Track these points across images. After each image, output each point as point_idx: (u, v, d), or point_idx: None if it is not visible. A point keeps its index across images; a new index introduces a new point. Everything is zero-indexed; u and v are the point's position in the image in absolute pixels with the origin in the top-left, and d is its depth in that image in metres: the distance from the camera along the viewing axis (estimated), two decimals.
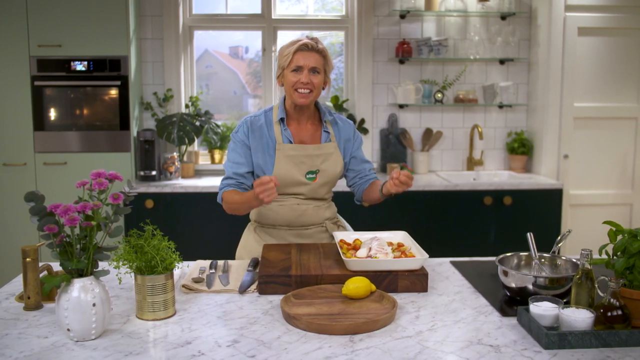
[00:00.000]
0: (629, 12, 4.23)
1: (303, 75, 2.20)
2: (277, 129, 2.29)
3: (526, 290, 1.71)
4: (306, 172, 2.28)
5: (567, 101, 4.27)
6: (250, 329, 1.54)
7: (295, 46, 2.21)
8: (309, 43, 2.21)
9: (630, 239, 1.56)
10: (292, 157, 2.26)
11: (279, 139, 2.28)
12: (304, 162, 2.28)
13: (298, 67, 2.20)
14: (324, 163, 2.30)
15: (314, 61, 2.21)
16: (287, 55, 2.21)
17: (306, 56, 2.20)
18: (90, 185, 1.48)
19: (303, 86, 2.21)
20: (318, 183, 2.30)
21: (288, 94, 2.27)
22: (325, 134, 2.35)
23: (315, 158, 2.29)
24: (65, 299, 1.44)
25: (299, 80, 2.20)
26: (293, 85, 2.22)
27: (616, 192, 4.41)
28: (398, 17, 4.42)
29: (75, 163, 3.99)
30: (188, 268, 2.09)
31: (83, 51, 3.94)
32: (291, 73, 2.22)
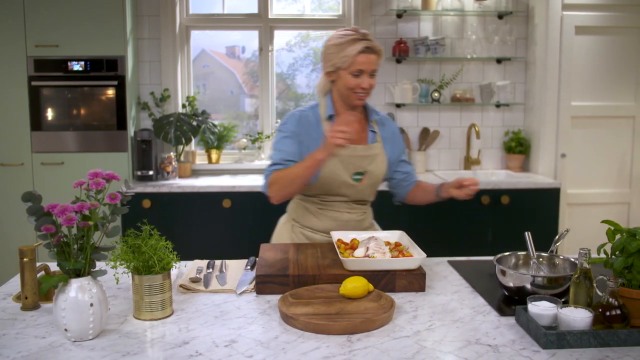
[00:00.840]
0: (626, 10, 4.23)
1: (364, 81, 2.12)
2: (326, 125, 2.21)
3: (524, 290, 1.71)
4: (353, 173, 2.23)
5: (564, 100, 4.27)
6: (248, 328, 1.54)
7: (357, 47, 2.08)
8: (371, 45, 2.10)
9: (628, 238, 1.56)
10: (339, 157, 2.19)
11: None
12: (351, 163, 2.22)
13: (360, 71, 2.11)
14: (371, 164, 2.25)
15: (375, 64, 2.13)
16: (348, 57, 2.09)
17: (369, 60, 2.10)
18: (88, 185, 1.47)
19: (363, 91, 2.14)
20: (364, 184, 2.25)
21: (342, 93, 2.18)
22: (372, 133, 2.28)
23: (363, 159, 2.23)
24: (62, 299, 1.43)
25: (359, 85, 2.13)
26: (352, 89, 2.14)
27: (614, 191, 4.41)
28: (395, 17, 4.42)
29: (73, 163, 3.99)
30: (185, 268, 2.08)
31: (80, 51, 3.93)
32: (350, 75, 2.12)
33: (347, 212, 2.29)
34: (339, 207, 2.28)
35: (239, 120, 4.71)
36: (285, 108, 4.75)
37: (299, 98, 4.76)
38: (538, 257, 1.93)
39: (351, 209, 2.30)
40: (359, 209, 2.32)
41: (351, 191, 2.25)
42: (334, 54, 2.14)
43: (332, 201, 2.27)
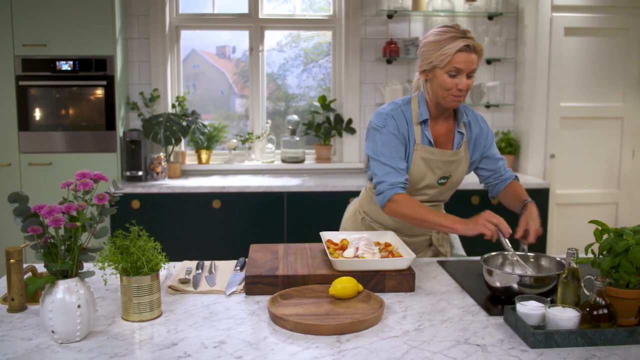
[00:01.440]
0: (615, 12, 4.26)
1: (461, 81, 2.02)
2: (417, 128, 2.15)
3: (511, 290, 1.72)
4: (440, 177, 2.19)
5: (553, 101, 4.30)
6: (237, 329, 1.53)
7: (456, 45, 1.99)
8: (471, 44, 2.00)
9: (615, 238, 1.56)
10: (427, 161, 2.15)
11: (418, 138, 2.14)
12: (439, 168, 2.17)
13: (457, 70, 2.02)
14: (456, 169, 2.21)
15: (474, 63, 2.02)
16: (446, 55, 2.00)
17: (467, 59, 2.00)
18: (75, 186, 1.46)
19: (459, 92, 2.05)
20: (446, 187, 2.23)
21: (437, 93, 2.09)
22: (459, 135, 2.20)
23: (450, 164, 2.19)
24: (49, 301, 1.42)
25: (457, 86, 2.03)
26: (449, 89, 2.05)
27: (602, 191, 4.44)
28: (385, 17, 4.43)
29: (61, 163, 3.96)
30: (174, 269, 2.07)
31: (68, 51, 3.91)
32: (446, 74, 2.03)
33: None
34: None
35: (229, 121, 4.70)
36: (276, 108, 4.75)
37: (290, 98, 4.76)
38: (525, 257, 1.93)
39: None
40: (435, 209, 2.28)
41: (433, 192, 2.22)
42: (431, 51, 2.05)
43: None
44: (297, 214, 3.89)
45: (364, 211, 2.37)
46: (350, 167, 4.52)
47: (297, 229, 3.89)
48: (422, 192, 2.22)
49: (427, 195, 2.23)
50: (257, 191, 3.87)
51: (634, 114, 4.38)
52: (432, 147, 2.15)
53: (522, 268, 1.89)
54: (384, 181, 2.08)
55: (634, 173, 4.44)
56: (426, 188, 2.21)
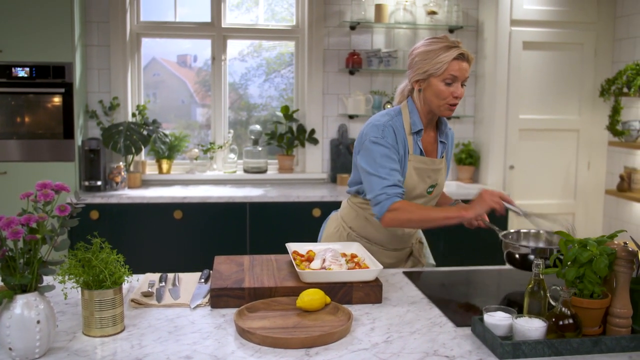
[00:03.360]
0: (571, 27, 4.38)
1: (457, 89, 2.05)
2: (409, 138, 2.15)
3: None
4: (429, 186, 2.20)
5: (512, 113, 4.38)
6: (203, 344, 1.50)
7: (452, 54, 2.03)
8: (465, 53, 2.05)
9: (580, 249, 1.59)
10: (419, 170, 2.16)
11: (411, 148, 2.15)
12: (429, 176, 2.19)
13: (454, 78, 2.05)
14: (440, 177, 2.24)
15: (467, 72, 2.07)
16: (442, 63, 2.03)
17: (462, 67, 2.04)
18: (35, 197, 1.41)
19: (455, 100, 2.07)
20: (432, 196, 2.25)
21: (432, 102, 2.10)
22: (442, 145, 2.25)
23: (437, 172, 2.21)
24: (7, 317, 1.36)
25: (453, 94, 2.05)
26: (444, 98, 2.06)
27: (560, 201, 4.54)
28: (348, 28, 4.45)
29: (16, 173, 3.83)
30: (137, 282, 2.02)
31: (25, 57, 3.80)
32: (442, 83, 2.05)
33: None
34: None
35: (190, 130, 4.64)
36: (237, 118, 4.71)
37: (252, 108, 4.73)
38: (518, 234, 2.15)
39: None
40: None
41: (422, 201, 2.23)
42: (426, 60, 2.06)
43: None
44: (260, 225, 3.85)
45: (349, 227, 2.34)
46: (313, 177, 4.51)
47: (260, 240, 3.86)
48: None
49: None
50: (219, 201, 3.82)
51: (589, 126, 4.50)
52: (424, 157, 2.18)
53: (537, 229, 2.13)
54: (382, 193, 2.05)
55: (589, 184, 4.56)
56: (417, 198, 2.22)
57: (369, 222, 2.27)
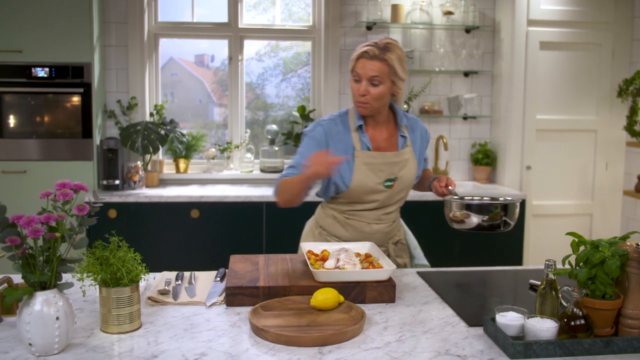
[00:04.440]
0: (588, 27, 4.35)
1: (361, 86, 2.12)
2: (354, 135, 2.22)
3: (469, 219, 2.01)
4: (384, 180, 2.23)
5: (529, 113, 4.36)
6: (218, 341, 1.52)
7: (357, 52, 2.12)
8: (370, 50, 2.09)
9: (592, 250, 1.59)
10: (370, 165, 2.20)
11: (357, 145, 2.20)
12: (382, 170, 2.22)
13: (358, 75, 2.11)
14: (401, 170, 2.25)
15: (374, 70, 2.09)
16: (352, 61, 2.13)
17: (366, 65, 2.09)
18: (55, 196, 1.44)
19: (361, 97, 2.14)
20: (395, 190, 2.26)
21: (352, 99, 2.21)
22: (402, 139, 2.28)
23: (394, 165, 2.23)
24: (27, 313, 1.40)
25: (357, 91, 2.13)
26: (354, 95, 2.16)
27: (577, 202, 4.51)
28: (364, 29, 4.46)
29: (35, 172, 3.90)
30: (154, 280, 2.05)
31: (45, 57, 3.86)
32: (352, 80, 2.15)
33: (375, 223, 2.29)
34: (367, 218, 2.28)
35: (208, 130, 4.68)
36: (255, 118, 4.74)
37: (269, 108, 4.76)
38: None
39: (379, 220, 2.29)
40: (388, 219, 2.32)
41: (382, 196, 2.25)
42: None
43: (361, 210, 2.27)
44: (276, 224, 3.88)
45: (320, 226, 2.41)
46: None
47: (276, 239, 3.89)
48: (370, 200, 2.26)
49: (378, 202, 2.27)
50: (235, 201, 3.85)
51: (606, 127, 4.47)
52: (372, 152, 2.22)
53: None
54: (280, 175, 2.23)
55: (607, 185, 4.52)
56: (373, 193, 2.24)
57: (336, 219, 2.32)
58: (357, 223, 2.29)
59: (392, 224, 2.36)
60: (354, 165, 2.20)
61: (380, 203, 2.27)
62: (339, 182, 2.22)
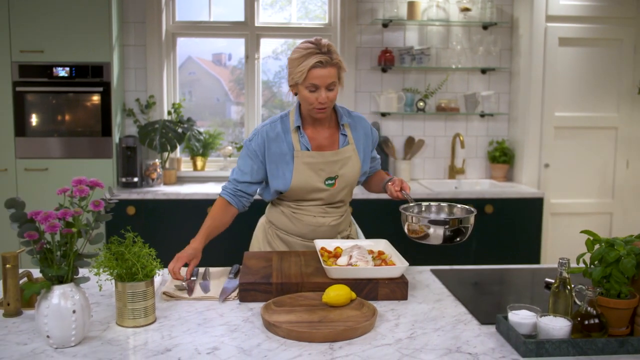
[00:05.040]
0: (609, 23, 4.30)
1: (320, 95, 2.09)
2: (294, 136, 2.23)
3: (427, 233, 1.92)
4: (325, 179, 2.24)
5: (547, 110, 4.32)
6: (231, 336, 1.54)
7: (309, 62, 2.05)
8: (323, 59, 2.05)
9: (607, 248, 1.58)
10: (310, 165, 2.21)
11: (297, 146, 2.22)
12: (322, 169, 2.23)
13: (314, 86, 2.08)
14: (342, 168, 2.26)
15: (330, 77, 2.08)
16: (302, 72, 2.06)
17: (322, 74, 2.06)
18: (71, 192, 1.47)
19: (321, 105, 2.12)
20: (337, 188, 2.27)
21: (304, 106, 2.18)
22: (343, 137, 2.28)
23: (334, 164, 2.24)
24: (45, 306, 1.43)
25: (317, 100, 2.10)
26: (311, 103, 2.12)
27: (596, 201, 4.46)
28: (381, 26, 4.46)
29: (57, 169, 3.96)
30: (168, 275, 2.08)
31: (65, 57, 3.92)
32: (306, 90, 2.10)
33: (321, 216, 2.30)
34: (313, 212, 2.29)
35: (225, 128, 4.71)
36: (272, 116, 4.76)
37: (285, 106, 4.78)
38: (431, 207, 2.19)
39: (325, 213, 2.30)
40: (335, 213, 2.33)
41: (325, 195, 2.26)
42: (292, 68, 2.12)
43: (307, 205, 2.29)
44: None
45: (269, 221, 2.44)
46: None
47: None
48: (313, 198, 2.27)
49: (321, 200, 2.28)
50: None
51: (627, 124, 4.41)
52: (311, 152, 2.22)
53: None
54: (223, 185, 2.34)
55: (628, 183, 4.47)
56: (315, 192, 2.25)
57: (283, 214, 2.34)
58: (303, 217, 2.29)
59: (340, 217, 2.35)
60: (294, 166, 2.21)
61: (324, 201, 2.28)
62: (280, 184, 2.24)
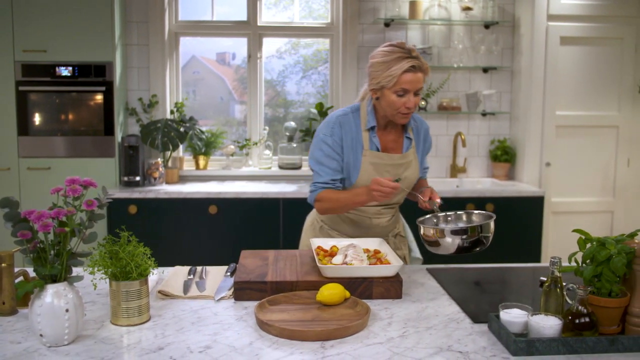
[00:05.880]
0: (610, 22, 4.29)
1: (409, 100, 2.09)
2: (365, 134, 2.23)
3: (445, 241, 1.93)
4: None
5: (549, 109, 4.32)
6: (224, 334, 1.56)
7: (403, 66, 2.04)
8: (415, 64, 2.05)
9: (598, 247, 1.58)
10: (376, 165, 2.22)
11: (366, 144, 2.22)
12: (388, 171, 2.24)
13: (404, 90, 2.08)
14: (405, 171, 2.27)
15: (420, 82, 2.09)
16: (393, 76, 2.05)
17: (413, 79, 2.06)
18: (65, 192, 1.49)
19: (408, 110, 2.12)
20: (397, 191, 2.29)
21: (387, 111, 2.16)
22: (408, 141, 2.30)
23: (398, 167, 2.26)
24: (38, 305, 1.44)
25: (405, 105, 2.10)
26: (397, 108, 2.11)
27: (598, 199, 4.45)
28: (383, 25, 4.46)
29: (59, 168, 3.99)
30: (163, 274, 2.09)
31: (68, 56, 3.95)
32: (394, 94, 2.09)
33: (375, 217, 2.31)
34: (367, 213, 2.30)
35: (229, 127, 4.73)
36: (275, 115, 4.78)
37: (289, 105, 4.79)
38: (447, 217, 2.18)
39: (380, 214, 2.32)
40: (388, 214, 2.35)
41: None
42: (378, 71, 2.10)
43: (363, 208, 2.29)
44: (293, 220, 3.90)
45: (321, 220, 2.43)
46: None
47: (293, 235, 3.89)
48: None
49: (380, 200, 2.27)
50: (253, 197, 3.89)
51: (629, 122, 4.40)
52: (380, 153, 2.23)
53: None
54: (314, 185, 2.24)
55: (630, 182, 4.46)
56: None
57: (338, 215, 2.34)
58: (357, 217, 2.31)
59: (392, 218, 2.38)
60: (361, 164, 2.22)
61: (382, 202, 2.28)
62: (346, 174, 2.24)
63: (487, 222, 1.95)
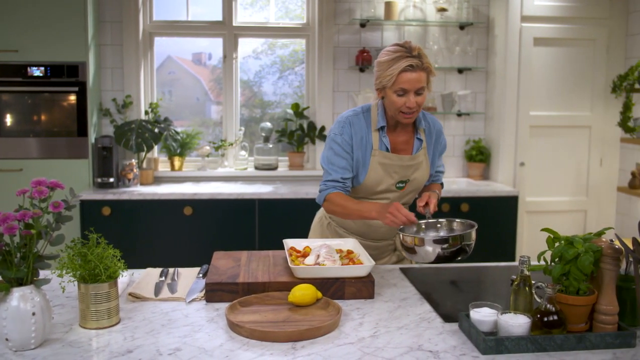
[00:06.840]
0: (582, 23, 4.35)
1: (409, 100, 2.08)
2: (375, 134, 2.23)
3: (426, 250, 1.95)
4: (397, 182, 2.25)
5: (523, 110, 4.36)
6: (194, 336, 1.54)
7: (399, 66, 2.04)
8: (413, 62, 2.04)
9: (566, 246, 1.60)
10: (385, 166, 2.22)
11: (376, 144, 2.22)
12: (396, 172, 2.23)
13: (403, 90, 2.07)
14: (414, 173, 2.27)
15: (420, 82, 2.07)
16: (391, 76, 2.05)
17: (412, 79, 2.05)
18: (31, 194, 1.47)
19: (409, 110, 2.11)
20: (405, 192, 2.29)
21: (390, 111, 2.17)
22: (418, 142, 2.29)
23: (408, 168, 2.25)
24: (3, 309, 1.42)
25: (405, 105, 2.09)
26: (398, 108, 2.11)
27: (571, 199, 4.51)
28: (358, 26, 4.47)
29: (32, 169, 3.93)
30: (132, 276, 2.07)
31: (40, 57, 3.89)
32: (395, 94, 2.09)
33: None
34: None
35: (205, 127, 4.70)
36: (252, 115, 4.76)
37: (266, 105, 4.78)
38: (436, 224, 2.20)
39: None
40: None
41: (393, 195, 2.28)
42: (380, 71, 2.11)
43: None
44: (269, 221, 3.90)
45: (329, 216, 2.43)
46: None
47: (268, 236, 3.91)
48: (382, 197, 2.28)
49: (388, 199, 2.29)
50: (228, 198, 3.87)
51: (601, 122, 4.46)
52: (389, 153, 2.23)
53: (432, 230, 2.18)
54: (324, 184, 2.25)
55: (602, 181, 4.52)
56: (385, 192, 2.27)
57: None
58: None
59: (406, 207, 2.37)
60: (369, 164, 2.22)
61: (391, 201, 2.28)
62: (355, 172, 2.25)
63: (468, 232, 1.97)
